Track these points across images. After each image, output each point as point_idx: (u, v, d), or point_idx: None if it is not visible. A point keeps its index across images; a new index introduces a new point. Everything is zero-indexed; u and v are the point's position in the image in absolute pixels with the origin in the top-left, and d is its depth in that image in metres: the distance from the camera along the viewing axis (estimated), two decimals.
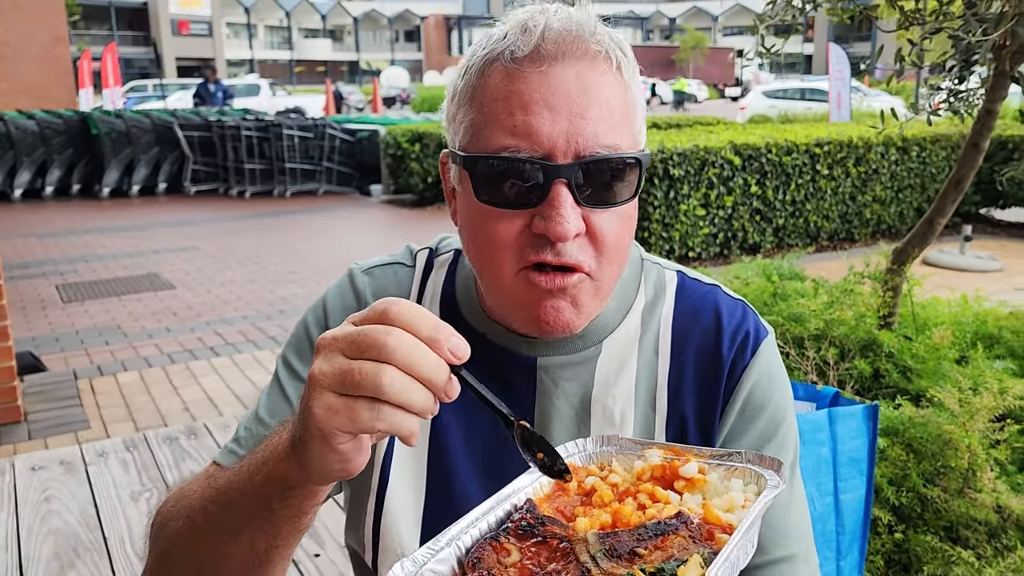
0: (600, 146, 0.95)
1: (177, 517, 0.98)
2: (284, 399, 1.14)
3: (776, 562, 1.08)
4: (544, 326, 1.01)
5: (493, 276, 1.02)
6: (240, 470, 0.90)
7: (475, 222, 1.01)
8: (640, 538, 0.73)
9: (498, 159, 0.95)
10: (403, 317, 0.72)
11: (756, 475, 0.82)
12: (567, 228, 0.94)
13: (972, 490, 2.50)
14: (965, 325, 3.53)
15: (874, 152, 9.58)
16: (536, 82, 0.94)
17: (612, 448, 0.90)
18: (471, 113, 0.99)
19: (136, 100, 26.50)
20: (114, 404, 5.13)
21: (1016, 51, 2.95)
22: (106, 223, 12.03)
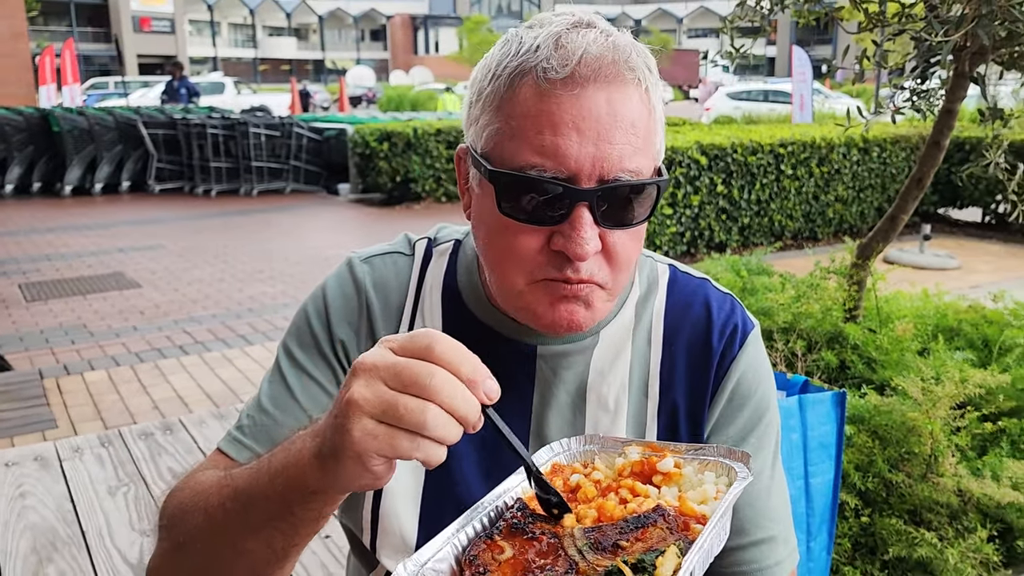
0: (623, 171, 0.97)
1: (194, 510, 0.99)
2: (286, 388, 1.15)
3: (757, 543, 1.14)
4: (558, 328, 1.03)
5: (510, 283, 1.05)
6: (259, 472, 0.91)
7: (495, 231, 1.03)
8: (622, 531, 0.77)
9: (524, 177, 0.97)
10: (447, 357, 0.76)
11: (727, 468, 0.86)
12: (587, 249, 0.97)
13: (934, 475, 2.59)
14: (927, 318, 3.64)
15: (836, 153, 9.78)
16: (567, 104, 0.96)
17: (595, 446, 0.94)
18: (497, 122, 1.00)
19: (97, 97, 26.06)
20: (81, 403, 5.07)
21: (976, 52, 3.06)
22: (69, 221, 11.83)
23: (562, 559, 0.76)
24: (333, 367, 1.16)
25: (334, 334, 1.16)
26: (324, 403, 1.14)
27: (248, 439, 1.13)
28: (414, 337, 0.77)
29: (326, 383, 1.15)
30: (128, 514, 3.50)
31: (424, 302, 1.19)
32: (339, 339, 1.16)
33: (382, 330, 1.17)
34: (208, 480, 1.01)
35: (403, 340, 0.78)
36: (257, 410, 1.15)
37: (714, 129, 11.04)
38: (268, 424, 1.13)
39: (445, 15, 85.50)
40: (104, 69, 58.43)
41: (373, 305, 1.17)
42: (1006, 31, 2.85)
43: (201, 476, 1.04)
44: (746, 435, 1.16)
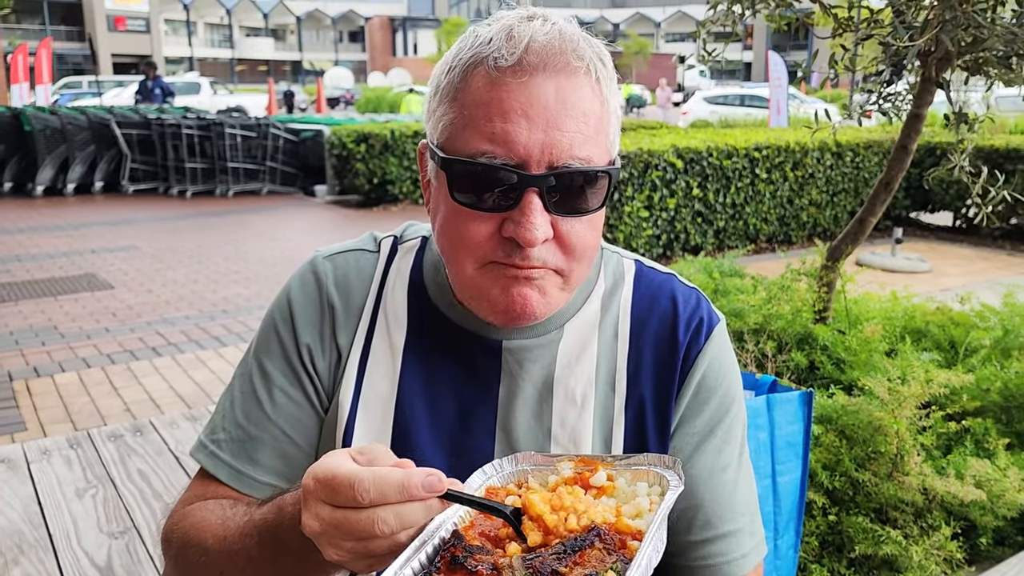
0: (573, 158, 0.98)
1: (196, 550, 1.06)
2: (257, 403, 1.17)
3: (724, 536, 1.15)
4: (511, 314, 1.04)
5: (461, 269, 1.06)
6: (251, 538, 0.99)
7: (448, 218, 1.04)
8: (559, 556, 0.77)
9: (474, 163, 0.98)
10: (375, 499, 0.79)
11: (659, 476, 0.87)
12: (535, 234, 0.98)
13: (900, 473, 2.63)
14: (895, 320, 3.70)
15: (810, 157, 9.88)
16: (516, 92, 0.97)
17: (527, 465, 0.94)
18: (451, 112, 1.02)
19: (70, 97, 25.74)
20: (52, 405, 5.00)
21: (941, 58, 3.11)
22: (40, 222, 11.68)
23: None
24: (299, 376, 1.17)
25: (299, 339, 1.17)
26: (293, 414, 1.16)
27: (226, 455, 1.16)
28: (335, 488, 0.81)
29: (295, 395, 1.17)
30: (96, 516, 3.47)
31: (387, 299, 1.19)
32: (304, 343, 1.17)
33: (343, 329, 1.17)
34: (203, 517, 1.09)
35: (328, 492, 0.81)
36: (233, 424, 1.17)
37: (690, 133, 11.12)
38: (244, 440, 1.16)
39: (424, 17, 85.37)
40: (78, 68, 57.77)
41: (335, 304, 1.18)
42: (971, 36, 2.90)
43: (196, 511, 1.12)
44: (713, 427, 1.17)
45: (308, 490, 0.82)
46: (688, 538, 1.14)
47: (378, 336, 1.17)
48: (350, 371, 1.16)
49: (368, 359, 1.16)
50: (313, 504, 0.82)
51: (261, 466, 1.15)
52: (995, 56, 2.91)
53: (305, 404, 1.16)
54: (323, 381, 1.17)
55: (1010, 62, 2.92)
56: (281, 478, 1.15)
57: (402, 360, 1.16)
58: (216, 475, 1.15)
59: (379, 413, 1.14)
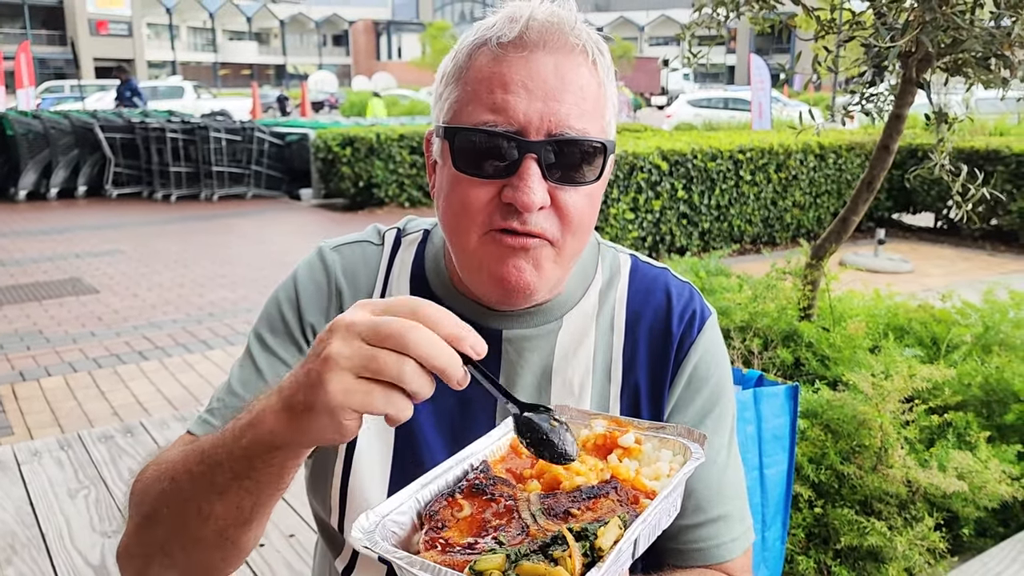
0: (570, 128, 1.03)
1: (161, 479, 1.01)
2: (256, 371, 1.18)
3: (714, 520, 1.18)
4: (506, 284, 1.07)
5: (461, 239, 1.09)
6: (224, 434, 0.93)
7: (450, 188, 1.08)
8: (575, 500, 0.81)
9: (476, 131, 1.03)
10: (430, 317, 0.78)
11: (684, 447, 0.91)
12: (533, 199, 1.02)
13: (884, 466, 2.68)
14: (878, 317, 3.75)
15: (794, 159, 9.98)
16: (517, 65, 1.03)
17: (564, 418, 0.98)
18: (456, 91, 1.08)
19: (53, 101, 25.56)
20: (38, 410, 4.98)
21: (922, 59, 3.17)
22: (23, 227, 11.60)
23: (516, 521, 0.80)
24: (303, 351, 1.19)
25: (304, 319, 1.20)
26: None
27: (217, 420, 1.15)
28: (393, 303, 0.80)
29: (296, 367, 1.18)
30: (89, 516, 3.47)
31: (392, 289, 1.22)
32: (309, 323, 1.20)
33: None
34: (173, 455, 1.03)
35: (384, 303, 0.80)
36: (227, 393, 1.18)
37: (675, 135, 11.19)
38: (238, 406, 1.14)
39: (408, 21, 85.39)
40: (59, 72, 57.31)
41: (344, 291, 1.21)
42: (950, 38, 2.96)
43: (166, 454, 1.06)
44: (704, 416, 1.21)
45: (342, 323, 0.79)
46: (680, 522, 1.17)
47: None
48: None
49: None
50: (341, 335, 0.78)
51: None
52: (974, 57, 2.97)
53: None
54: None
55: (988, 63, 2.98)
56: None
57: None
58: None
59: None
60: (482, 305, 1.17)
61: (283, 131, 15.01)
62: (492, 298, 1.13)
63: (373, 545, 0.76)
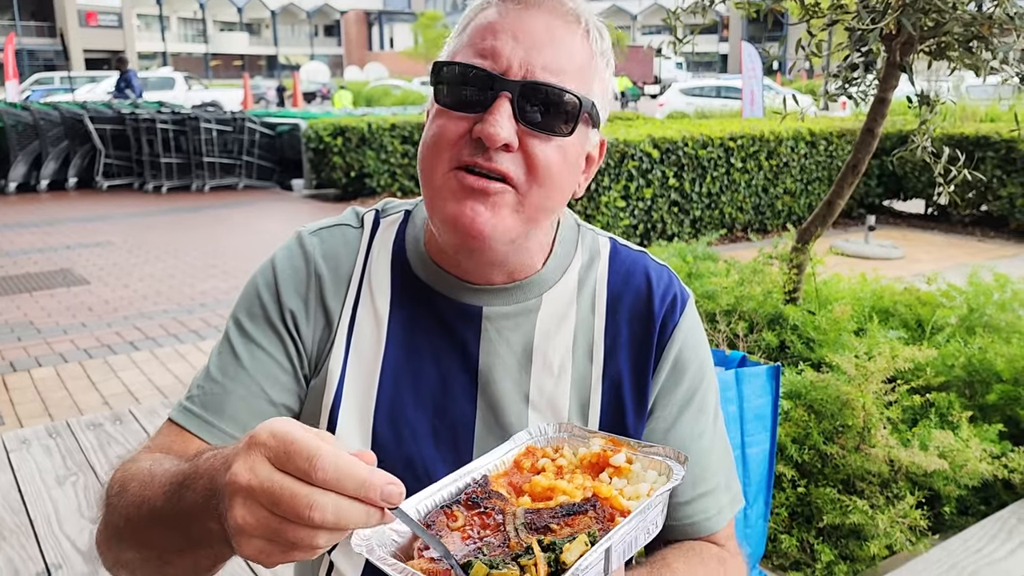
0: (549, 75, 1.06)
1: (117, 492, 1.02)
2: (234, 358, 1.18)
3: (704, 495, 1.23)
4: (459, 224, 1.07)
5: (429, 175, 1.10)
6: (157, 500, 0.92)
7: (429, 125, 1.12)
8: (555, 516, 0.86)
9: (458, 65, 1.08)
10: (328, 480, 0.71)
11: (668, 468, 0.95)
12: (499, 132, 1.03)
13: (867, 446, 2.71)
14: (864, 300, 3.78)
15: (784, 146, 9.99)
16: (511, 17, 1.08)
17: (565, 434, 1.03)
18: (456, 41, 1.13)
19: (43, 93, 25.41)
20: (29, 400, 4.98)
21: (905, 42, 3.18)
22: (13, 219, 11.55)
23: (500, 533, 0.85)
24: (282, 337, 1.19)
25: (283, 304, 1.20)
26: (271, 371, 1.18)
27: (197, 407, 1.16)
28: (292, 453, 0.72)
29: (275, 352, 1.19)
30: (77, 502, 3.48)
31: (372, 269, 1.23)
32: (288, 309, 1.20)
33: (333, 295, 1.21)
34: (137, 483, 1.00)
35: (280, 452, 0.73)
36: (206, 379, 1.18)
37: (666, 123, 11.20)
38: (217, 392, 1.17)
39: (400, 11, 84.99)
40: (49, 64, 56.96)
41: (323, 275, 1.22)
42: (933, 21, 2.97)
43: (136, 470, 1.04)
44: (690, 397, 1.23)
45: (257, 441, 0.73)
46: (673, 500, 1.21)
47: (363, 306, 1.21)
48: (339, 339, 1.19)
49: (354, 328, 1.20)
50: (255, 456, 0.73)
51: (231, 418, 1.16)
52: (956, 40, 2.98)
53: (285, 364, 1.19)
54: (306, 347, 1.20)
55: (971, 46, 3.00)
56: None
57: (387, 328, 1.20)
58: (185, 426, 1.15)
59: (365, 379, 1.18)
60: (462, 280, 1.18)
61: (274, 121, 14.96)
62: (451, 240, 1.12)
63: (369, 553, 0.80)
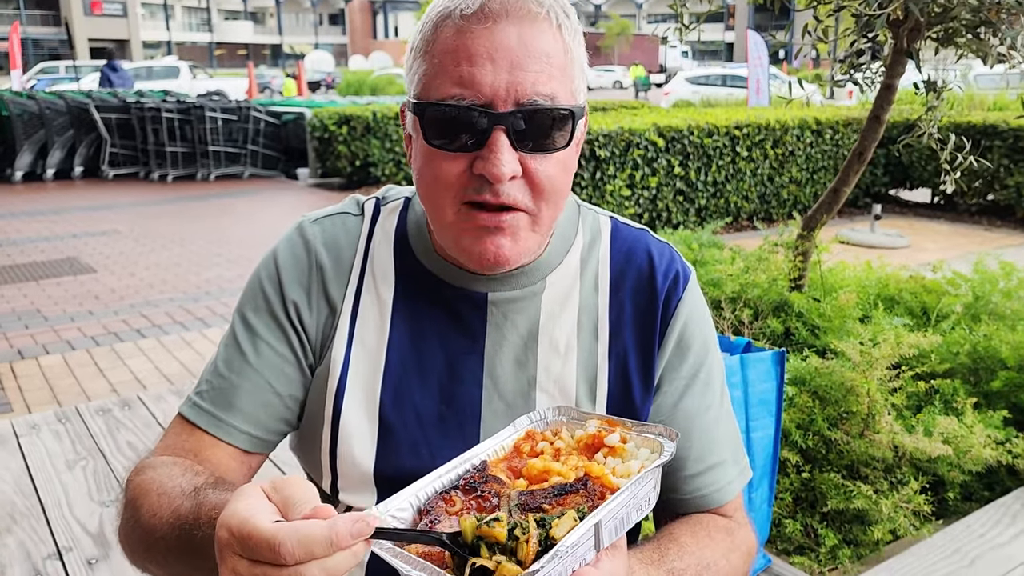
0: (538, 95, 1.04)
1: (131, 510, 1.06)
2: (240, 353, 1.20)
3: (712, 467, 1.24)
4: (485, 262, 1.09)
5: (438, 213, 1.11)
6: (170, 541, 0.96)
7: (424, 162, 1.10)
8: (548, 496, 0.87)
9: (445, 106, 1.04)
10: (299, 556, 0.72)
11: (660, 445, 0.96)
12: (503, 170, 1.03)
13: (871, 432, 2.71)
14: (869, 288, 3.78)
15: (790, 135, 9.96)
16: (481, 38, 1.03)
17: (564, 418, 1.05)
18: (424, 65, 1.09)
19: (48, 82, 25.41)
20: (37, 387, 5.02)
21: (912, 29, 3.17)
22: (19, 207, 11.59)
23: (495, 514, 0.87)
24: (285, 329, 1.21)
25: (286, 296, 1.21)
26: (276, 364, 1.20)
27: (206, 403, 1.19)
28: (253, 548, 0.73)
29: (279, 346, 1.20)
30: (87, 486, 3.51)
31: (374, 258, 1.24)
32: (291, 300, 1.21)
33: (335, 284, 1.22)
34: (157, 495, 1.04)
35: (244, 548, 0.73)
36: (214, 374, 1.20)
37: (671, 112, 11.17)
38: (225, 388, 1.19)
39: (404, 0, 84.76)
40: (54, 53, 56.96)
41: (324, 264, 1.22)
42: (940, 7, 2.96)
43: (155, 476, 1.08)
44: (696, 371, 1.25)
45: (223, 542, 0.74)
46: (682, 474, 1.23)
47: (366, 293, 1.22)
48: (342, 327, 1.20)
49: (358, 315, 1.21)
50: (229, 557, 0.74)
51: (240, 412, 1.18)
52: (963, 26, 2.97)
53: (290, 356, 1.20)
54: (310, 337, 1.21)
55: (978, 32, 2.99)
56: (259, 427, 1.19)
57: (391, 315, 1.21)
58: (196, 422, 1.18)
59: (370, 366, 1.19)
60: (465, 269, 1.19)
61: (279, 110, 14.96)
62: (471, 267, 1.15)
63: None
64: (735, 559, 1.21)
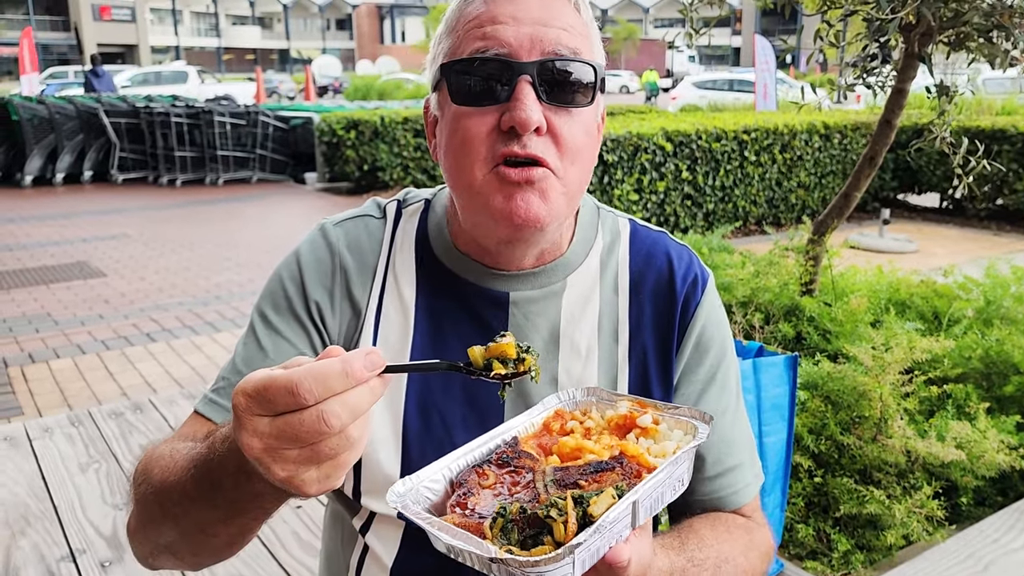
0: (561, 46, 1.07)
1: (144, 482, 1.04)
2: (260, 349, 1.20)
3: (730, 470, 1.25)
4: (516, 218, 1.08)
5: (466, 177, 1.10)
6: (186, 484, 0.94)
7: (452, 127, 1.11)
8: (583, 473, 0.88)
9: (470, 60, 1.07)
10: (318, 392, 0.73)
11: (693, 427, 0.97)
12: (530, 116, 1.04)
13: (884, 436, 2.71)
14: (880, 292, 3.77)
15: (799, 139, 9.95)
16: (504, 4, 1.08)
17: (593, 398, 1.05)
18: (449, 40, 1.12)
19: (57, 87, 25.56)
20: (48, 391, 5.04)
21: (924, 33, 3.17)
22: (30, 212, 11.65)
23: (530, 490, 0.88)
24: (307, 328, 1.21)
25: (308, 296, 1.21)
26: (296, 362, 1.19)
27: (222, 399, 1.18)
28: (272, 397, 0.74)
29: (299, 344, 1.20)
30: (100, 488, 3.53)
31: (396, 259, 1.24)
32: (313, 300, 1.21)
33: (359, 286, 1.22)
34: (168, 470, 1.02)
35: (262, 401, 0.75)
36: (232, 371, 1.20)
37: (679, 116, 11.16)
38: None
39: (411, 4, 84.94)
40: (64, 58, 57.25)
41: (348, 266, 1.22)
42: (952, 11, 2.96)
43: (165, 459, 1.05)
44: (713, 374, 1.25)
45: (240, 408, 0.75)
46: (700, 476, 1.24)
47: (389, 295, 1.22)
48: (367, 329, 1.21)
49: (381, 317, 1.22)
50: (248, 421, 0.75)
51: None
52: (975, 30, 2.97)
53: (310, 353, 1.19)
54: (332, 338, 1.21)
55: (991, 36, 2.98)
56: None
57: (414, 316, 1.21)
58: (212, 418, 1.17)
59: None
60: (486, 266, 1.20)
61: (287, 115, 15.01)
62: (501, 235, 1.13)
63: (404, 509, 0.83)
64: (753, 557, 1.21)
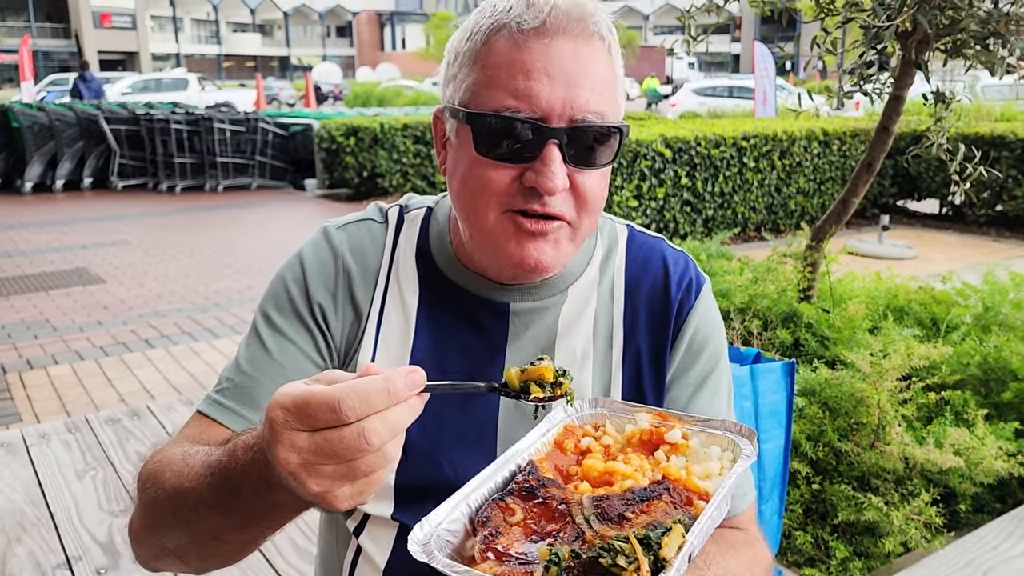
0: (590, 112, 1.07)
1: (153, 485, 1.03)
2: (264, 350, 1.20)
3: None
4: (525, 266, 1.11)
5: (478, 217, 1.12)
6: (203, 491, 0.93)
7: (469, 169, 1.11)
8: (628, 503, 0.80)
9: (499, 117, 1.06)
10: (360, 410, 0.73)
11: (732, 443, 0.90)
12: (556, 183, 1.05)
13: (882, 443, 2.70)
14: (878, 299, 3.77)
15: (798, 146, 9.96)
16: (539, 52, 1.05)
17: (604, 410, 1.00)
18: (473, 74, 1.10)
19: (58, 94, 25.58)
20: (46, 397, 5.03)
21: (921, 40, 3.17)
22: (29, 218, 11.65)
23: (570, 527, 0.79)
24: (311, 330, 1.21)
25: (312, 298, 1.22)
26: (300, 364, 1.19)
27: (228, 400, 1.18)
28: (312, 413, 0.74)
29: (303, 345, 1.20)
30: (97, 495, 3.52)
31: (398, 265, 1.25)
32: (317, 302, 1.22)
33: (362, 289, 1.23)
34: (177, 469, 1.01)
35: (302, 416, 0.74)
36: (236, 372, 1.20)
37: (679, 123, 11.18)
38: (247, 384, 1.18)
39: (411, 11, 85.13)
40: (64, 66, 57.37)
41: (351, 269, 1.23)
42: (949, 19, 2.97)
43: (174, 458, 1.05)
44: (704, 378, 1.26)
45: (278, 422, 0.75)
46: None
47: (391, 300, 1.23)
48: (369, 332, 1.22)
49: (383, 320, 1.23)
50: (286, 435, 0.74)
51: (261, 409, 1.15)
52: (972, 37, 2.97)
53: (315, 356, 1.21)
54: (335, 340, 1.22)
55: (987, 43, 2.99)
56: None
57: (415, 322, 1.23)
58: (216, 418, 1.17)
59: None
60: (488, 279, 1.21)
61: (287, 122, 15.03)
62: (506, 275, 1.16)
63: (431, 559, 0.76)
64: (757, 572, 1.21)
